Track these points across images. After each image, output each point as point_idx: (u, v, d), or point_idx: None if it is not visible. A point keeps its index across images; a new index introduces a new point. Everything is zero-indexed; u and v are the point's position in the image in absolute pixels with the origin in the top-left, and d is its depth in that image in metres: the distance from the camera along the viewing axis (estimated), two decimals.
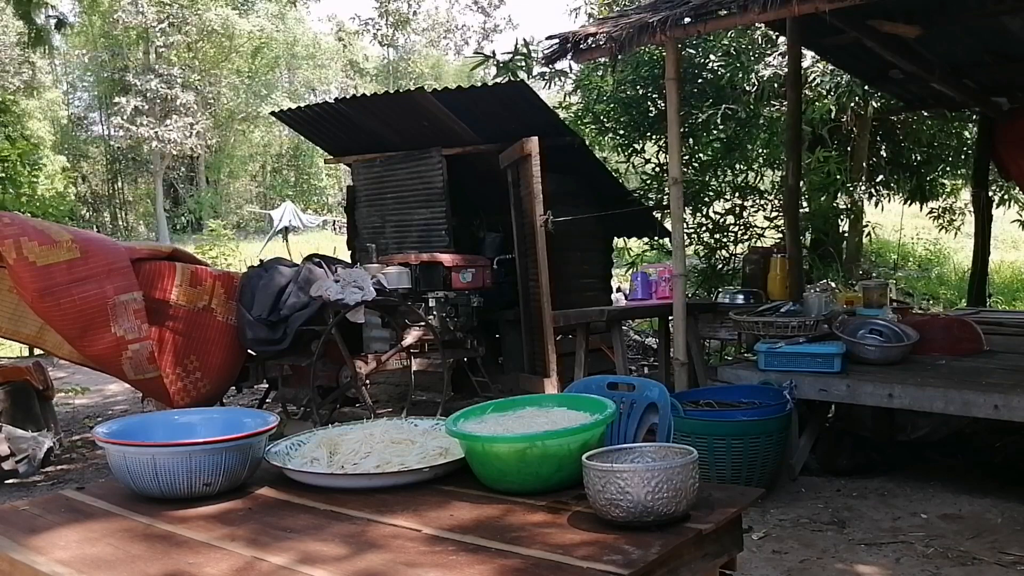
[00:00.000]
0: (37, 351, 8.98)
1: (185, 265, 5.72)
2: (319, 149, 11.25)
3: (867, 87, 8.10)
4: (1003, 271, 14.32)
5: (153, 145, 28.96)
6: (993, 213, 8.76)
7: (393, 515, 1.75)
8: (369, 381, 5.80)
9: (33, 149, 14.01)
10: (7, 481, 5.23)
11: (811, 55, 7.84)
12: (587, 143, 8.55)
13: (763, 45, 8.55)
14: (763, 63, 8.33)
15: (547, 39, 5.14)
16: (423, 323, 5.97)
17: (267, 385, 6.52)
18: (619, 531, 1.60)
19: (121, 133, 29.90)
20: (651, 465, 1.64)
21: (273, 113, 8.97)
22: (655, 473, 1.59)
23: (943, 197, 10.85)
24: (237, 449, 1.92)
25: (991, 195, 8.93)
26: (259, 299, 5.69)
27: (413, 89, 7.16)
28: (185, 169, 33.57)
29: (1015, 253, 16.25)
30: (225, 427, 2.08)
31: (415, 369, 5.96)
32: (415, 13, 37.73)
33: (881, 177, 10.18)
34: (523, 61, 8.56)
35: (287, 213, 23.76)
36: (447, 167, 7.17)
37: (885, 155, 10.14)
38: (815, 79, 8.36)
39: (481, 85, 7.30)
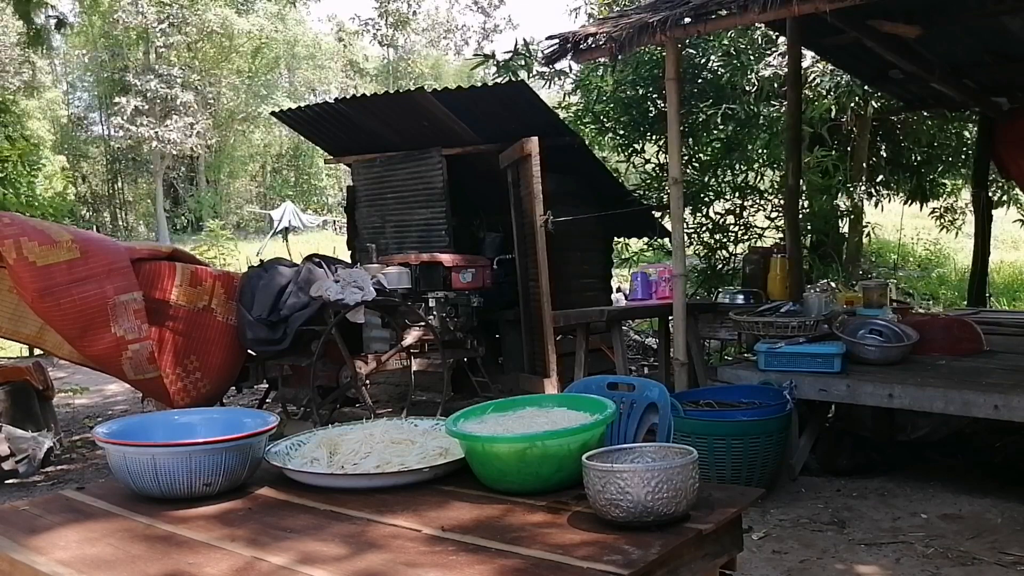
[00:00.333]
0: (37, 351, 8.98)
1: (185, 265, 5.72)
2: (319, 149, 11.24)
3: (867, 87, 8.10)
4: (1003, 271, 14.30)
5: (153, 145, 28.97)
6: (993, 213, 8.76)
7: (393, 515, 1.75)
8: (369, 381, 5.80)
9: (33, 149, 14.00)
10: (7, 481, 5.23)
11: (811, 55, 7.83)
12: (587, 143, 8.54)
13: (763, 45, 8.54)
14: (763, 63, 8.32)
15: (547, 39, 5.14)
16: (423, 323, 5.97)
17: (267, 385, 6.52)
18: (619, 531, 1.60)
19: (121, 133, 29.91)
20: (651, 465, 1.64)
21: (273, 113, 8.97)
22: (655, 473, 1.59)
23: (943, 197, 10.85)
24: (237, 449, 1.92)
25: (991, 195, 8.93)
26: (259, 299, 5.69)
27: (413, 89, 7.16)
28: (185, 169, 33.59)
29: (1015, 253, 16.24)
30: (225, 427, 2.08)
31: (415, 369, 5.96)
32: (415, 13, 37.77)
33: (881, 177, 10.17)
34: (523, 61, 8.57)
35: (287, 213, 23.80)
36: (447, 167, 7.17)
37: (885, 155, 10.14)
38: (815, 79, 8.36)
39: (481, 85, 7.30)
